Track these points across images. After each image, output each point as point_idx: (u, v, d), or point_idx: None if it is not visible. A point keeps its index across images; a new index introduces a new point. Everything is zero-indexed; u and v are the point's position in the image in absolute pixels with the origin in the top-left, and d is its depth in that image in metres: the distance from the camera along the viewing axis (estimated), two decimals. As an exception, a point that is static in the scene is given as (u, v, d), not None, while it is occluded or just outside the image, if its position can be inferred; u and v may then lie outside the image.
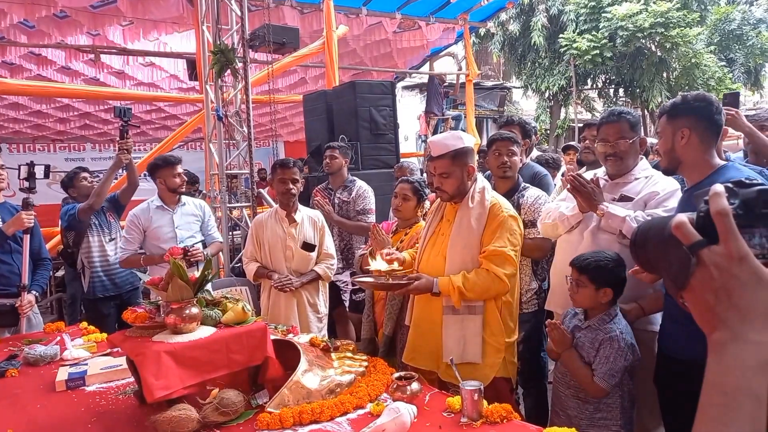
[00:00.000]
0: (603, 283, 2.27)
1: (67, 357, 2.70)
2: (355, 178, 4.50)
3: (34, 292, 3.45)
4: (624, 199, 2.47)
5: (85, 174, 4.37)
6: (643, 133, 2.66)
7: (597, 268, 2.27)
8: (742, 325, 0.62)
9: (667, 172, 2.28)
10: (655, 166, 2.85)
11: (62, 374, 2.41)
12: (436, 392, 2.11)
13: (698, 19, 15.46)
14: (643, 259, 0.79)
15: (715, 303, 0.63)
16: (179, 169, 4.00)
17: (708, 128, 2.08)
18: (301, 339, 2.52)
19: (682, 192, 2.32)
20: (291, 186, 3.43)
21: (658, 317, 2.38)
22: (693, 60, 15.26)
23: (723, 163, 2.13)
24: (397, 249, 3.11)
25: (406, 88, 16.02)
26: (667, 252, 0.70)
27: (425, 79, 13.02)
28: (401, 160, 5.50)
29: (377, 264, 2.55)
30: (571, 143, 6.13)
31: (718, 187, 0.64)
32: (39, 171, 3.46)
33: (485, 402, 1.86)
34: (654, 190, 2.41)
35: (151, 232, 3.90)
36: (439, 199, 2.72)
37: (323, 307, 3.57)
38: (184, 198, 4.10)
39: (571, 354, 2.32)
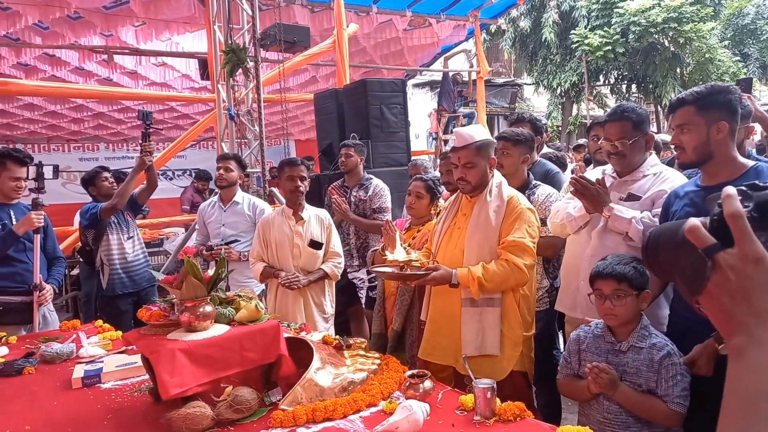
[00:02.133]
0: (643, 286, 2.04)
1: (83, 354, 2.73)
2: (372, 176, 4.50)
3: (51, 285, 3.50)
4: (631, 197, 2.42)
5: (106, 174, 4.41)
6: (655, 129, 2.60)
7: (636, 271, 2.03)
8: (761, 328, 0.61)
9: (689, 166, 2.16)
10: (668, 163, 2.81)
11: (78, 371, 2.44)
12: (449, 390, 2.11)
13: (712, 13, 15.29)
14: (655, 265, 0.78)
15: (732, 306, 0.63)
16: (228, 164, 4.21)
17: (736, 123, 2.02)
18: (314, 337, 2.53)
19: (699, 188, 2.15)
20: (299, 183, 3.43)
21: (665, 316, 2.33)
22: (707, 55, 15.09)
23: (754, 163, 2.05)
24: (409, 245, 3.12)
25: (416, 85, 16.01)
26: (680, 257, 0.69)
27: (436, 76, 13.01)
28: (413, 158, 5.50)
29: (395, 254, 2.55)
30: (580, 142, 6.08)
31: (731, 189, 0.63)
32: (48, 171, 3.50)
33: (498, 400, 1.86)
34: (662, 189, 2.36)
35: (207, 225, 4.24)
36: (453, 196, 2.72)
37: (329, 307, 3.56)
38: (242, 197, 4.23)
39: (626, 391, 1.98)
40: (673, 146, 2.16)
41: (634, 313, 2.04)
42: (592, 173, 2.60)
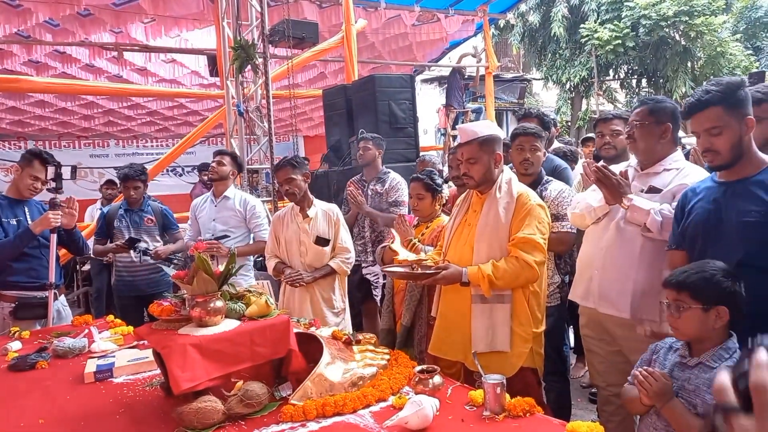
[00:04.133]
0: (713, 301, 1.75)
1: (95, 349, 2.75)
2: (390, 170, 4.47)
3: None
4: (652, 190, 2.42)
5: (138, 184, 4.29)
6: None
7: (702, 280, 1.77)
8: None
9: (723, 168, 2.05)
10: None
11: (90, 366, 2.46)
12: (459, 385, 2.11)
13: (723, 6, 15.12)
14: None
15: None
16: (222, 159, 4.25)
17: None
18: (324, 332, 2.54)
19: (718, 183, 2.11)
20: (287, 187, 3.41)
21: None
22: (718, 49, 14.92)
23: None
24: (419, 241, 3.12)
25: (425, 81, 15.95)
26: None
27: (444, 72, 12.97)
28: (422, 153, 5.49)
29: (405, 253, 2.55)
30: (590, 135, 6.06)
31: (763, 357, 0.61)
32: (66, 172, 3.53)
33: (508, 396, 1.86)
34: (684, 183, 2.34)
35: (198, 220, 4.22)
36: (464, 193, 2.72)
37: (339, 302, 3.54)
38: (233, 193, 4.22)
39: (675, 407, 1.76)
40: (703, 151, 2.05)
41: (699, 329, 1.78)
42: (617, 167, 2.59)
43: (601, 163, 2.50)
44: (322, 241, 3.45)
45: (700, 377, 1.76)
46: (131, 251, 4.10)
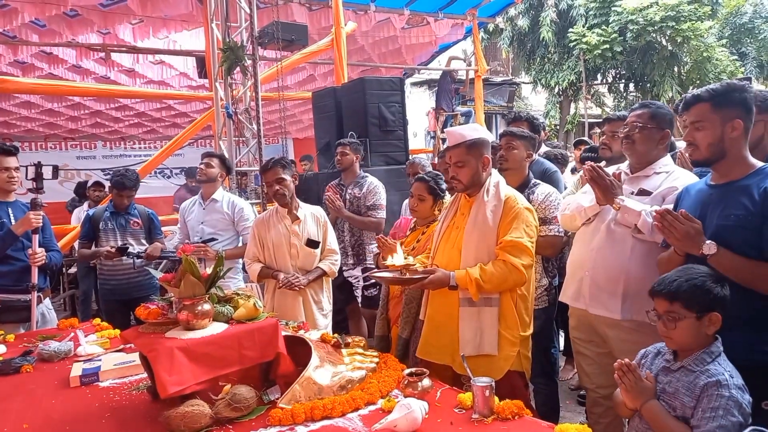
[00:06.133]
0: (706, 308, 1.74)
1: (81, 353, 2.73)
2: (367, 174, 4.52)
3: (47, 257, 3.45)
4: (643, 193, 2.45)
5: (131, 193, 4.21)
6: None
7: (693, 287, 1.75)
8: None
9: (701, 164, 2.12)
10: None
11: (76, 370, 2.44)
12: (448, 388, 2.12)
13: (709, 12, 15.28)
14: None
15: None
16: (210, 161, 4.23)
17: (750, 121, 2.02)
18: (312, 335, 2.53)
19: (708, 186, 2.13)
20: (278, 187, 3.37)
21: None
22: (704, 54, 15.08)
23: (762, 164, 2.02)
24: (413, 248, 3.11)
25: (414, 84, 15.98)
26: None
27: (434, 75, 13.00)
28: (411, 156, 5.50)
29: (393, 258, 2.55)
30: (583, 138, 6.10)
31: None
32: (47, 171, 3.48)
33: (497, 398, 1.86)
34: (673, 186, 2.37)
35: (188, 223, 4.21)
36: (453, 196, 2.72)
37: (327, 304, 3.55)
38: (221, 195, 4.19)
39: (654, 407, 1.75)
40: (686, 143, 2.14)
41: (696, 337, 1.76)
42: (609, 170, 2.61)
43: (602, 163, 2.52)
44: (313, 243, 3.43)
45: (681, 380, 1.76)
46: (123, 258, 4.04)
